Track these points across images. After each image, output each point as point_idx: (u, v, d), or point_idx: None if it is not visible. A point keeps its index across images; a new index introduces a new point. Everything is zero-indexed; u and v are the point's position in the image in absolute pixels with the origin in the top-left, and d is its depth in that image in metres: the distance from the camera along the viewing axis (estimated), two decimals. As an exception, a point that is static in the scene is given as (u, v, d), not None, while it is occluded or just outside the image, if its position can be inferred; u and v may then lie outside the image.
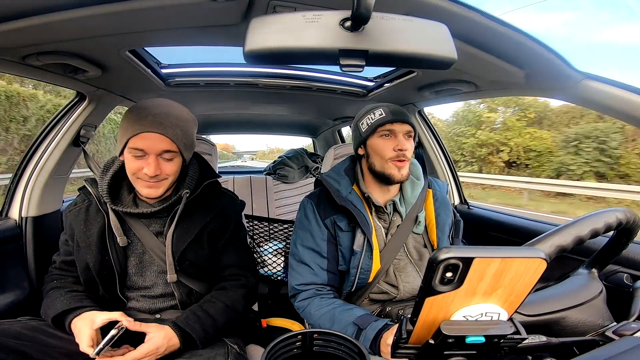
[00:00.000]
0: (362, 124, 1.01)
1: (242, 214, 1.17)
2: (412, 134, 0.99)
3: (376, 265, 0.95)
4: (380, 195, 1.02)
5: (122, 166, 0.90)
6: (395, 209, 1.01)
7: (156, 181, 0.86)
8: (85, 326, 0.78)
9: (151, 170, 0.83)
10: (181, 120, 0.89)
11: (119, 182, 0.94)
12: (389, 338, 0.74)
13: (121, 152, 0.87)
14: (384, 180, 0.98)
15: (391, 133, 0.97)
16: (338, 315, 0.86)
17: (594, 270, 0.73)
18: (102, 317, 0.80)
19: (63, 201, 1.43)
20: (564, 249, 0.60)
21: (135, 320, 0.89)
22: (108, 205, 0.89)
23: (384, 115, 0.97)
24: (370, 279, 0.95)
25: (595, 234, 0.63)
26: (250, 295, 1.00)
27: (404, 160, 0.95)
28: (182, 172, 0.95)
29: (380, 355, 0.74)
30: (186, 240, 0.92)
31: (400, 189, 1.04)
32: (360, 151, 1.03)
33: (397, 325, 0.60)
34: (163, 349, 0.80)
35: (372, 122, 0.98)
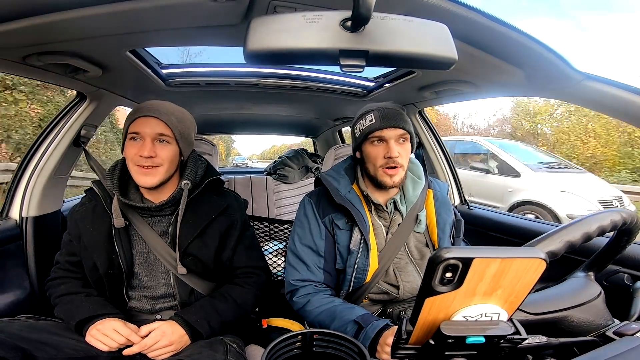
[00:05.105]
0: (357, 129, 1.01)
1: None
2: (407, 137, 0.97)
3: (373, 265, 0.95)
4: (380, 195, 1.01)
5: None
6: (395, 208, 1.01)
7: (151, 166, 0.88)
8: (122, 327, 0.82)
9: (146, 151, 0.86)
10: (177, 112, 0.94)
11: (127, 180, 0.96)
12: (389, 338, 0.73)
13: (123, 148, 0.90)
14: (378, 185, 0.98)
15: (382, 139, 0.95)
16: (339, 312, 0.86)
17: (590, 273, 0.73)
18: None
19: (63, 201, 1.43)
20: (573, 245, 0.62)
21: (136, 321, 0.89)
22: (116, 196, 0.91)
23: (373, 121, 0.95)
24: (368, 279, 0.95)
25: (602, 232, 0.64)
26: (261, 293, 1.02)
27: (395, 167, 0.94)
28: (182, 170, 0.99)
29: (381, 357, 0.74)
30: (192, 235, 0.94)
31: (402, 188, 1.03)
32: (358, 155, 1.03)
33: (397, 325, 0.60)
34: (172, 337, 0.82)
35: (363, 128, 0.97)
